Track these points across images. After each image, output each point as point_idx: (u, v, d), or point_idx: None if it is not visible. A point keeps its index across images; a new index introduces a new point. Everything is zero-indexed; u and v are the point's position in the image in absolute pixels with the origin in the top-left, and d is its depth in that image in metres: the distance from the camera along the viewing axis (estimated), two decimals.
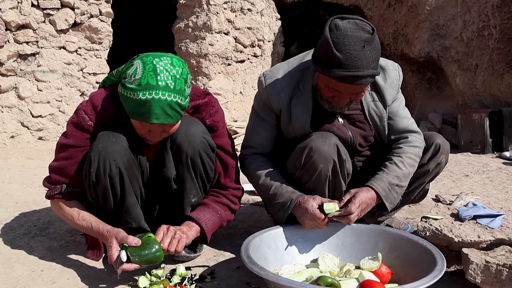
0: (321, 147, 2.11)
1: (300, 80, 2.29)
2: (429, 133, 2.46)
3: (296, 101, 2.27)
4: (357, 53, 1.93)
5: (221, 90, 7.56)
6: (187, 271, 2.05)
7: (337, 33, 1.95)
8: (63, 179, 2.07)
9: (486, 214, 2.13)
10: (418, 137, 2.33)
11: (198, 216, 2.12)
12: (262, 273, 1.65)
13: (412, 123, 2.38)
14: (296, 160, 2.19)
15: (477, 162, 5.59)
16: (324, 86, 2.11)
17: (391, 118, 2.35)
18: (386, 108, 2.33)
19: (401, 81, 2.40)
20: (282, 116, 2.31)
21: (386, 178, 2.15)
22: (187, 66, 2.00)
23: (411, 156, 2.24)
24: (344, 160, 2.18)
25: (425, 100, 7.80)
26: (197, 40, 7.44)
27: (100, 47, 6.31)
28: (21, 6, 5.61)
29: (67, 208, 2.08)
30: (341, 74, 1.94)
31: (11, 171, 4.61)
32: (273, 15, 8.51)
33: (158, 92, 1.84)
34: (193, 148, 2.09)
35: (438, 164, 2.36)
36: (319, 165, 2.11)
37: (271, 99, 2.30)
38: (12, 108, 5.70)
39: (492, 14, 6.81)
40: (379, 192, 2.10)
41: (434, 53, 7.31)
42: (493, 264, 1.74)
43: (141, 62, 1.89)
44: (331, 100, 2.16)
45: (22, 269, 2.11)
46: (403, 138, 2.31)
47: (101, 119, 2.05)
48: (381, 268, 1.89)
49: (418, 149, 2.29)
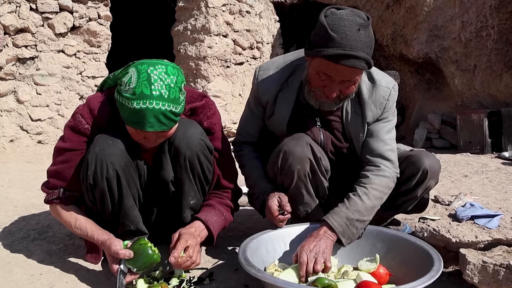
0: (294, 148, 2.11)
1: (291, 75, 2.27)
2: (416, 154, 2.27)
3: (282, 95, 2.27)
4: (352, 34, 1.88)
5: (220, 93, 7.57)
6: (185, 274, 2.05)
7: (333, 17, 1.92)
8: (60, 183, 2.07)
9: (483, 215, 2.13)
10: (390, 167, 2.17)
11: (207, 218, 2.12)
12: (259, 275, 1.65)
13: (389, 150, 2.20)
14: (273, 166, 2.20)
15: (476, 163, 5.60)
16: (315, 74, 2.03)
17: (370, 137, 2.23)
18: (364, 123, 2.22)
19: (391, 101, 2.23)
20: (267, 109, 2.31)
21: (344, 213, 2.01)
22: (182, 72, 2.01)
23: (377, 188, 2.09)
24: (319, 157, 2.17)
25: (424, 101, 7.81)
26: (196, 42, 7.45)
27: (99, 51, 6.33)
28: (20, 10, 5.63)
29: (64, 214, 2.08)
30: (335, 52, 1.87)
31: (10, 175, 4.62)
32: (271, 17, 8.53)
33: (152, 101, 1.83)
34: (191, 150, 2.09)
35: (427, 188, 2.27)
36: (296, 167, 2.12)
37: (260, 92, 2.30)
38: (11, 112, 5.72)
39: (490, 15, 6.82)
40: (335, 228, 1.98)
41: (432, 54, 7.32)
42: (490, 264, 1.75)
43: (135, 70, 1.88)
44: (321, 93, 2.08)
45: (21, 273, 2.11)
46: (374, 165, 2.16)
47: (98, 122, 2.05)
48: (379, 269, 1.89)
49: (388, 179, 2.13)
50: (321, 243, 1.92)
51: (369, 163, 2.18)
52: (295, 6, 9.03)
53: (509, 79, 6.83)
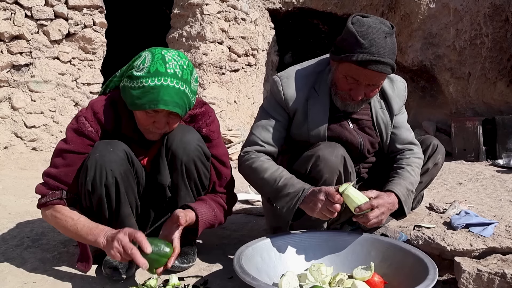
0: (329, 157, 2.12)
1: (316, 82, 2.33)
2: (425, 136, 2.65)
3: (312, 102, 2.30)
4: (380, 41, 2.04)
5: (215, 99, 7.57)
6: (180, 282, 2.04)
7: (361, 25, 2.08)
8: (62, 186, 2.03)
9: (478, 223, 2.14)
10: (419, 150, 2.45)
11: (196, 207, 2.10)
12: (254, 283, 1.65)
13: (413, 136, 2.50)
14: (301, 167, 2.20)
15: (470, 170, 5.62)
16: (342, 77, 2.16)
17: (397, 128, 2.45)
18: (392, 117, 2.42)
19: (406, 93, 2.51)
20: (297, 116, 2.32)
21: (404, 183, 2.20)
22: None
23: (418, 166, 2.36)
24: (349, 172, 2.21)
25: (419, 108, 7.84)
26: (191, 49, 7.46)
27: (94, 57, 6.32)
28: (15, 17, 5.63)
29: (66, 213, 2.00)
30: (365, 58, 2.02)
31: (4, 182, 4.60)
32: (267, 24, 8.55)
33: (167, 78, 1.89)
34: (187, 155, 2.10)
35: (436, 164, 2.53)
36: (325, 175, 2.13)
37: (287, 99, 2.31)
38: (5, 119, 5.70)
39: (484, 23, 6.87)
40: (400, 196, 2.12)
41: (427, 62, 7.36)
42: (485, 272, 1.75)
43: (149, 53, 1.97)
44: (346, 95, 2.20)
45: (14, 281, 2.10)
46: (408, 149, 2.42)
47: (102, 125, 2.05)
48: (374, 277, 1.89)
49: (421, 160, 2.42)
50: (387, 213, 2.07)
51: (402, 150, 2.42)
52: (290, 14, 9.07)
53: (503, 87, 6.87)
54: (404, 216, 2.22)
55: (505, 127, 6.47)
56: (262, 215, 3.09)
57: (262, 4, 8.49)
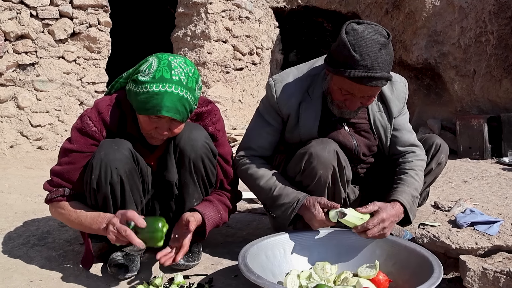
0: (321, 153, 2.12)
1: (310, 86, 2.31)
2: (428, 135, 2.58)
3: (305, 106, 2.29)
4: (374, 55, 1.96)
5: (220, 98, 7.57)
6: (185, 280, 2.05)
7: (355, 36, 1.99)
8: (65, 183, 2.06)
9: (483, 221, 2.13)
10: (422, 152, 2.40)
11: (204, 211, 2.12)
12: (259, 281, 1.65)
13: (415, 137, 2.45)
14: (295, 166, 2.20)
15: (476, 168, 5.60)
16: (337, 89, 2.12)
17: (397, 130, 2.40)
18: (391, 119, 2.38)
19: (407, 94, 2.45)
20: (290, 120, 2.32)
21: (408, 190, 2.18)
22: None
23: (421, 169, 2.33)
24: (344, 167, 2.19)
25: (424, 106, 7.81)
26: (195, 48, 7.46)
27: (99, 57, 6.33)
28: (20, 17, 5.64)
29: (67, 207, 2.05)
30: (358, 74, 1.97)
31: (10, 180, 4.62)
32: (271, 23, 8.54)
33: (171, 85, 1.90)
34: (195, 152, 2.11)
35: (439, 164, 2.47)
36: (319, 171, 2.12)
37: (280, 103, 2.31)
38: (11, 118, 5.71)
39: (489, 20, 6.83)
40: (405, 205, 2.11)
41: (432, 60, 7.33)
42: (490, 271, 1.75)
43: (156, 58, 1.96)
44: (342, 104, 2.17)
45: (21, 279, 2.11)
46: (410, 152, 2.37)
47: (106, 125, 2.07)
48: (379, 276, 1.89)
49: (424, 162, 2.38)
50: (393, 224, 2.07)
51: (404, 153, 2.37)
52: (294, 12, 9.05)
53: (508, 85, 6.83)
54: (410, 224, 2.22)
55: (510, 124, 6.43)
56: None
57: (266, 3, 8.48)
